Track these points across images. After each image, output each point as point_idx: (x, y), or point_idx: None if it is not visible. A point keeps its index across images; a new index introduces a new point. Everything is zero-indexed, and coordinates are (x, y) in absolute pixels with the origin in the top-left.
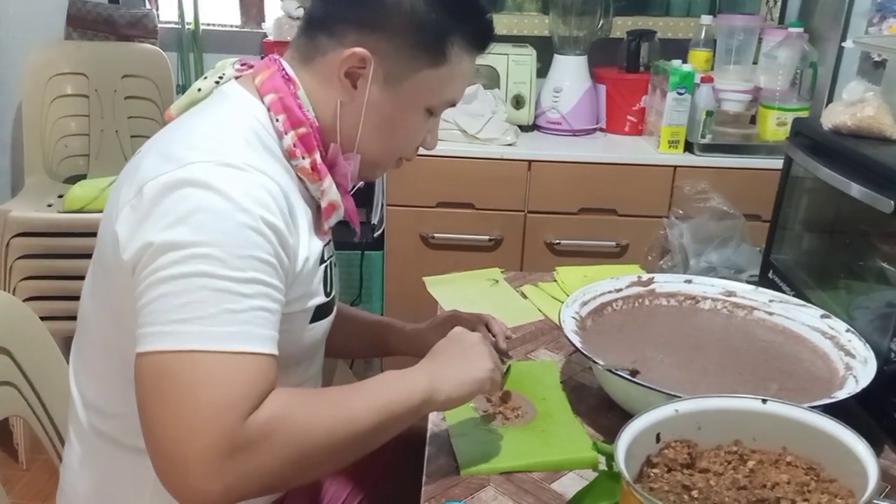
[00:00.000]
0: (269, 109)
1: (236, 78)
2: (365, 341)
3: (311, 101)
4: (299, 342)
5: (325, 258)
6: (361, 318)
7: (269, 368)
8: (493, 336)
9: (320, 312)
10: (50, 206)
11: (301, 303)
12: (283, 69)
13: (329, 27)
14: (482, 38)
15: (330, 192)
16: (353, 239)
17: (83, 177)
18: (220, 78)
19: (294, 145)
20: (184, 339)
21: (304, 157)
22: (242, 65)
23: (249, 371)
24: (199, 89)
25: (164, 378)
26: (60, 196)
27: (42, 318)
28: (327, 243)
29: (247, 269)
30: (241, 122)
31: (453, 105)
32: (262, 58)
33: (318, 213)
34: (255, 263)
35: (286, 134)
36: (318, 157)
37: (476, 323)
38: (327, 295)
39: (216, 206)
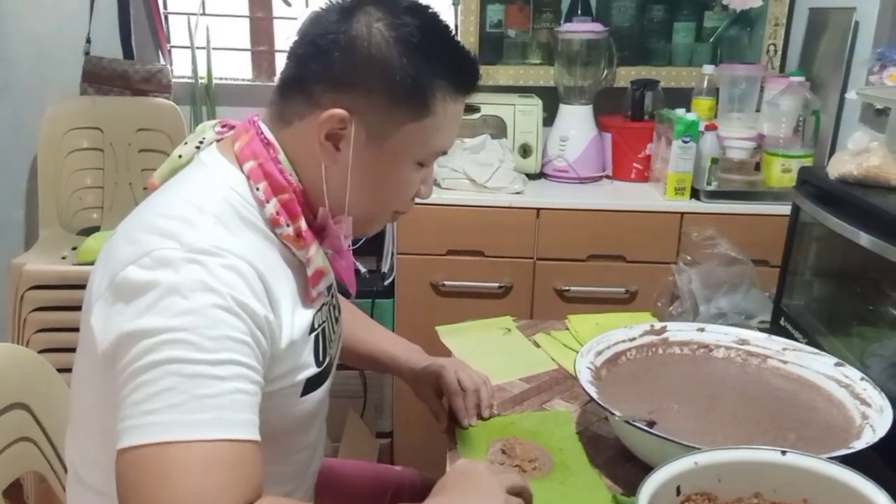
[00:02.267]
0: (248, 177)
1: (218, 141)
2: (365, 366)
3: (293, 165)
4: (290, 416)
5: (317, 326)
6: (362, 348)
7: (249, 455)
8: (479, 399)
9: (312, 384)
10: (64, 258)
11: (289, 378)
12: (262, 133)
13: (304, 89)
14: (467, 80)
15: (316, 259)
16: (351, 296)
17: (97, 229)
18: (201, 142)
19: (277, 213)
20: (155, 432)
21: (288, 225)
22: (223, 126)
23: (224, 460)
24: (180, 156)
25: (138, 473)
26: (74, 248)
27: (57, 370)
28: (319, 310)
29: (220, 351)
30: (216, 195)
31: (444, 154)
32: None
33: (306, 278)
34: (230, 343)
35: (268, 202)
36: (302, 224)
37: (453, 392)
38: (319, 364)
39: (183, 289)
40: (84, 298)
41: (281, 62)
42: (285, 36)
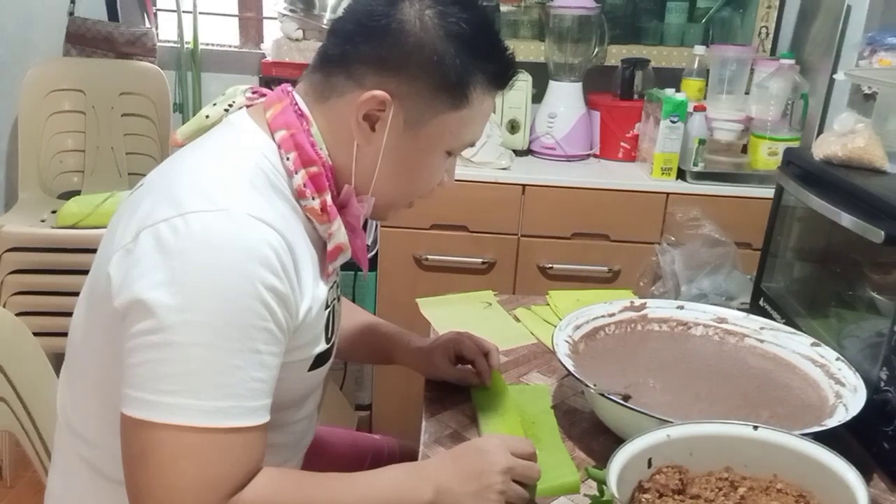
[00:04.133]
0: (279, 146)
1: (247, 107)
2: (369, 349)
3: (324, 140)
4: (295, 390)
5: (330, 302)
6: (369, 326)
7: (258, 441)
8: (489, 364)
9: (319, 360)
10: (43, 221)
11: (303, 351)
12: (296, 104)
13: (347, 67)
14: (504, 77)
15: (338, 234)
16: (363, 273)
17: (77, 193)
18: (230, 106)
19: (304, 185)
20: (171, 413)
21: (313, 198)
22: (254, 92)
23: (236, 448)
24: (208, 116)
25: (150, 448)
26: (54, 211)
27: (33, 334)
28: (332, 286)
29: (242, 339)
30: (248, 159)
31: (472, 145)
32: (275, 87)
33: (324, 253)
34: (251, 332)
35: (296, 173)
36: (328, 197)
37: (476, 353)
38: (328, 341)
39: (212, 269)
40: (101, 245)
41: (269, 29)
42: (273, 3)
